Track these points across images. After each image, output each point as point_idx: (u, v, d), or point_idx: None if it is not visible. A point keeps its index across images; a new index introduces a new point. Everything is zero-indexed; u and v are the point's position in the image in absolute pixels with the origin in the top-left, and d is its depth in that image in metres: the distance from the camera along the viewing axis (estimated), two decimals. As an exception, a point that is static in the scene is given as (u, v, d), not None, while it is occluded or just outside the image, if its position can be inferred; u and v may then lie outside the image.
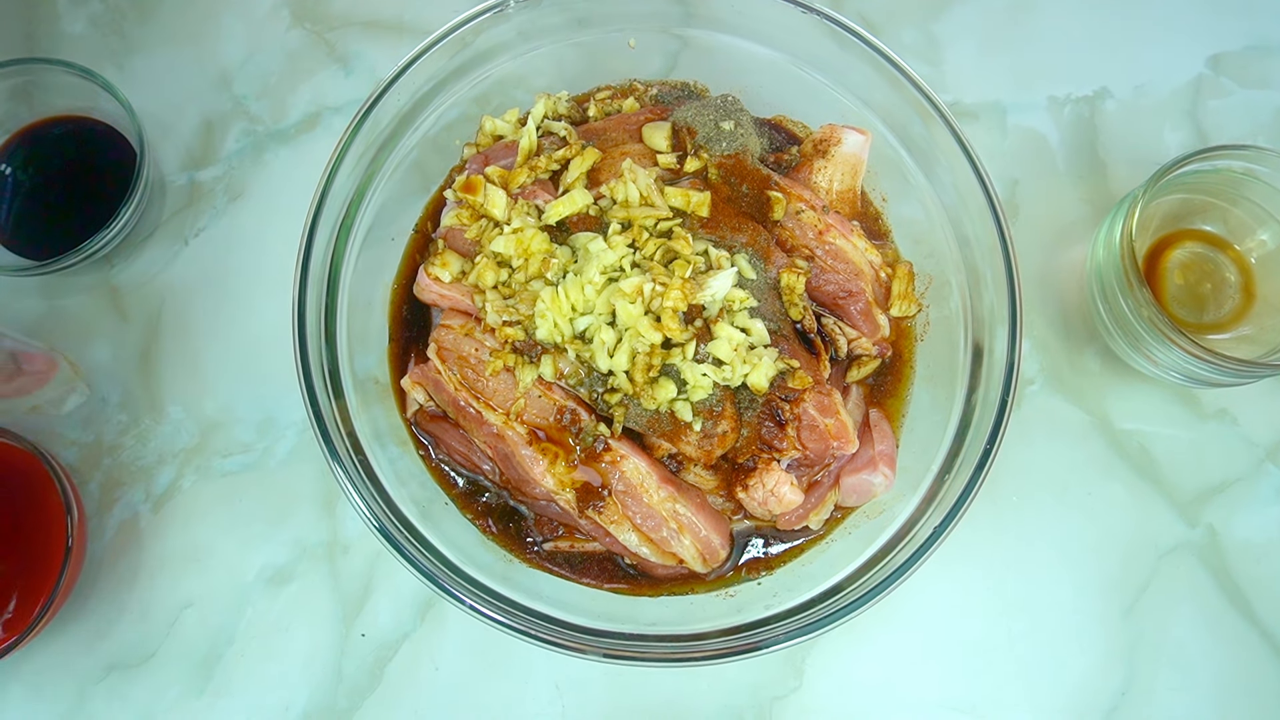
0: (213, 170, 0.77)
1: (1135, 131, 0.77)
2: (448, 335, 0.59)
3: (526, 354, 0.58)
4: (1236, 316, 0.68)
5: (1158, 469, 0.70)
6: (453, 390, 0.59)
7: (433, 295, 0.61)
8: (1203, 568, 0.68)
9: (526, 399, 0.58)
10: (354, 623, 0.68)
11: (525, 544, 0.63)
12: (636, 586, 0.62)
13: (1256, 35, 0.79)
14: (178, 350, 0.73)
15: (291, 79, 0.79)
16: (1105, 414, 0.71)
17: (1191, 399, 0.72)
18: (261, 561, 0.69)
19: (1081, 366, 0.72)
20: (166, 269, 0.75)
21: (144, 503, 0.70)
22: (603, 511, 0.57)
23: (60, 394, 0.69)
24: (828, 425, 0.56)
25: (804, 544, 0.63)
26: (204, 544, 0.69)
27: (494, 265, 0.58)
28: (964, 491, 0.55)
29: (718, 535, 0.59)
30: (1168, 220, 0.70)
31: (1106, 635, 0.67)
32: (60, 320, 0.74)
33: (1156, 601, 0.68)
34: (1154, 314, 0.61)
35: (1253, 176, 0.66)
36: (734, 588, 0.61)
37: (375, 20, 0.81)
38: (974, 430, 0.58)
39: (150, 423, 0.72)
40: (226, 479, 0.71)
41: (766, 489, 0.57)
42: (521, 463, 0.58)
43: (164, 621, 0.68)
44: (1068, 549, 0.69)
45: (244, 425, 0.72)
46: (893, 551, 0.56)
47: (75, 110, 0.73)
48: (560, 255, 0.57)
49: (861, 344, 0.62)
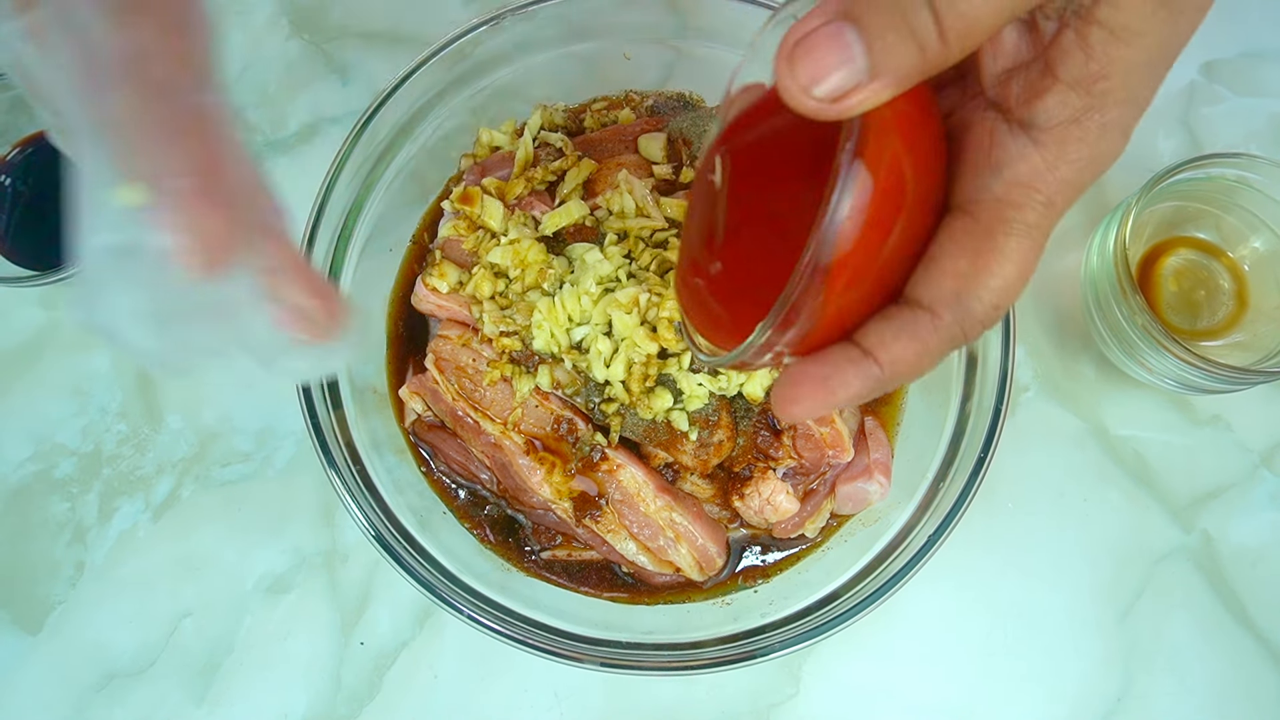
0: (211, 180, 0.77)
1: (1130, 139, 0.78)
2: (445, 346, 0.60)
3: (524, 364, 0.58)
4: (1230, 323, 0.69)
5: (1152, 475, 0.71)
6: (450, 400, 0.59)
7: (430, 306, 0.61)
8: (1198, 573, 0.69)
9: (524, 409, 0.58)
10: (353, 631, 0.68)
11: (523, 553, 0.63)
12: (634, 595, 0.62)
13: (1250, 43, 0.80)
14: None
15: (290, 89, 0.80)
16: (1100, 420, 0.72)
17: (1186, 405, 0.72)
18: (260, 570, 0.69)
19: (1076, 373, 0.73)
20: (165, 279, 0.75)
21: (143, 512, 0.71)
22: (600, 520, 0.58)
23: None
24: (823, 434, 0.57)
25: (800, 552, 0.63)
26: (203, 553, 0.70)
27: (491, 276, 0.58)
28: (959, 498, 0.56)
29: (714, 544, 0.59)
30: (1161, 227, 0.70)
31: (1102, 640, 0.67)
32: (59, 331, 0.74)
33: (1152, 607, 0.68)
34: (1148, 321, 0.61)
35: (1245, 184, 0.67)
36: (730, 596, 0.62)
37: (373, 31, 0.81)
38: (969, 437, 0.58)
39: (149, 432, 0.72)
40: (225, 488, 0.71)
41: (763, 498, 0.57)
42: (519, 472, 0.58)
43: (163, 630, 0.68)
44: (1063, 555, 0.69)
45: (242, 435, 0.72)
46: (889, 559, 0.57)
47: (74, 121, 0.73)
48: (557, 266, 0.58)
49: (857, 352, 0.62)
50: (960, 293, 0.31)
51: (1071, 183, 0.32)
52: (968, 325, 0.31)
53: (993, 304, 0.31)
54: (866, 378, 0.32)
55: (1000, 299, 0.31)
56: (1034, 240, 0.31)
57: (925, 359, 0.32)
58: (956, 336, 0.32)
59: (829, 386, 0.32)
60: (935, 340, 0.32)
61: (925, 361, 0.32)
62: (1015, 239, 0.31)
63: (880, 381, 0.32)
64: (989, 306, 0.31)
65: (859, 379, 0.32)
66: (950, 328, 0.31)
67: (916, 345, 0.32)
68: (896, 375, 0.32)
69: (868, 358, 0.32)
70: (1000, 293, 0.31)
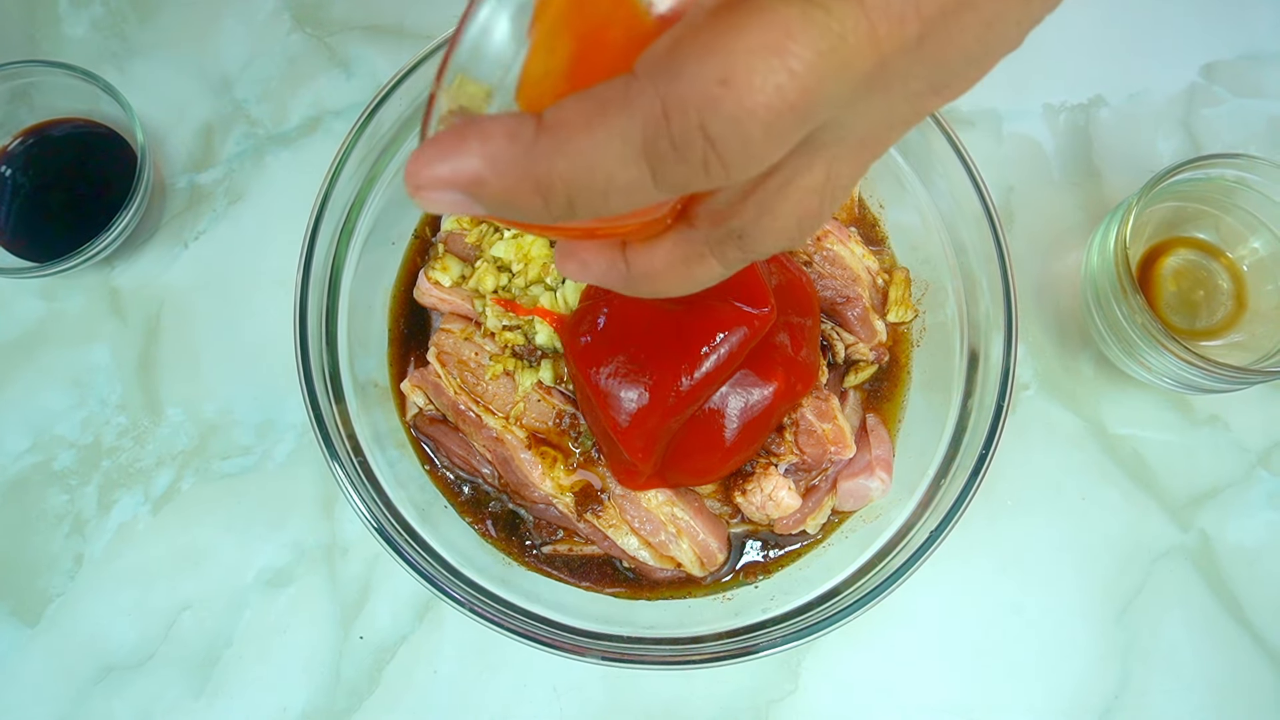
0: (213, 173, 0.77)
1: (1129, 139, 0.78)
2: (448, 339, 0.60)
3: (526, 358, 0.58)
4: (1229, 323, 0.69)
5: (1151, 474, 0.71)
6: (452, 394, 0.59)
7: (433, 299, 0.61)
8: (1195, 572, 0.69)
9: (526, 403, 0.58)
10: (352, 625, 0.68)
11: (524, 547, 0.63)
12: (635, 590, 0.62)
13: (1249, 44, 0.80)
14: (177, 353, 0.73)
15: (292, 82, 0.79)
16: (1099, 419, 0.72)
17: (1184, 404, 0.72)
18: (260, 564, 0.69)
19: (1076, 371, 0.73)
20: (166, 271, 0.75)
21: (143, 504, 0.70)
22: (601, 515, 0.58)
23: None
24: (825, 430, 0.57)
25: (801, 548, 0.63)
26: (202, 546, 0.70)
27: (494, 270, 0.58)
28: (959, 496, 0.56)
29: (715, 539, 0.59)
30: (1161, 228, 0.71)
31: (1101, 638, 0.67)
32: (60, 322, 0.74)
33: (1150, 605, 0.68)
34: (1147, 320, 0.62)
35: (1245, 185, 0.67)
36: (731, 591, 0.62)
37: (376, 24, 0.81)
38: (970, 435, 0.58)
39: (149, 425, 0.72)
40: (225, 481, 0.71)
41: (764, 494, 0.57)
42: (520, 466, 0.58)
43: (162, 623, 0.68)
44: (1062, 553, 0.69)
45: (243, 428, 0.72)
46: (889, 556, 0.57)
47: (76, 113, 0.73)
48: (560, 260, 0.58)
49: (859, 349, 0.62)
50: (673, 45, 0.21)
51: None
52: (672, 93, 0.20)
53: (717, 76, 0.20)
54: (513, 136, 0.22)
55: (731, 70, 0.20)
56: (811, 18, 0.20)
57: (599, 132, 0.21)
58: (650, 110, 0.20)
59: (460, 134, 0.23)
60: (615, 103, 0.21)
61: (598, 137, 0.21)
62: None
63: (532, 153, 0.22)
64: (709, 76, 0.20)
65: (505, 137, 0.22)
66: (642, 91, 0.21)
67: (588, 104, 0.21)
68: (558, 142, 0.21)
69: (525, 114, 0.22)
70: (732, 60, 0.20)
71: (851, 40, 0.21)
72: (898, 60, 0.22)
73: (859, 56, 0.21)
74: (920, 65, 0.23)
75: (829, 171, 0.25)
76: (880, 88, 0.23)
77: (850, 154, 0.25)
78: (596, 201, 0.22)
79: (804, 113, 0.21)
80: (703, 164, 0.21)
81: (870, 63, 0.21)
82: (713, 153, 0.21)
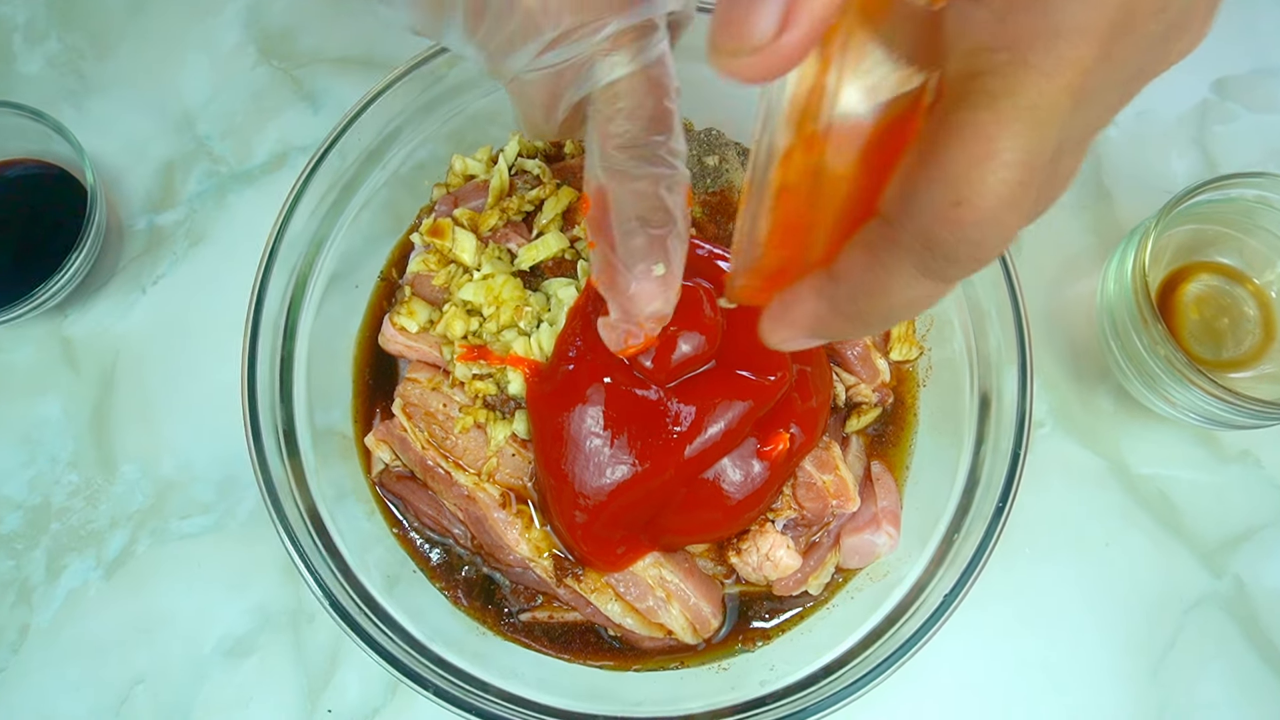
0: (173, 214, 0.73)
1: (1140, 159, 0.74)
2: (414, 389, 0.55)
3: (499, 409, 0.53)
4: (1257, 353, 0.64)
5: (1179, 516, 0.66)
6: (419, 449, 0.55)
7: (398, 346, 0.57)
8: (1231, 621, 0.64)
9: (499, 458, 0.53)
10: (319, 698, 0.63)
11: (500, 614, 0.58)
12: (621, 660, 0.57)
13: (1262, 58, 0.77)
14: (133, 405, 0.69)
15: (257, 118, 0.76)
16: (1121, 458, 0.67)
17: (1212, 440, 0.68)
18: (220, 632, 0.64)
19: (1094, 407, 0.68)
20: (123, 318, 0.71)
21: (94, 569, 0.66)
22: (583, 579, 0.53)
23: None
24: (826, 482, 0.52)
25: (803, 611, 0.58)
26: (158, 613, 0.65)
27: (463, 314, 0.54)
28: (976, 552, 0.51)
29: (708, 603, 0.54)
30: (1180, 252, 0.66)
31: (1135, 697, 0.62)
32: (8, 375, 0.70)
33: (1184, 658, 0.63)
34: (1170, 352, 0.57)
35: (1267, 204, 0.63)
36: (728, 660, 0.56)
37: (345, 56, 0.77)
38: (984, 484, 0.54)
39: (102, 483, 0.67)
40: (184, 542, 0.66)
41: (761, 553, 0.52)
42: (494, 527, 0.53)
43: (114, 698, 0.63)
44: (1087, 604, 0.64)
45: (203, 484, 0.67)
46: (902, 618, 0.52)
47: (28, 154, 0.70)
48: (534, 303, 0.53)
49: (860, 391, 0.58)
50: (905, 188, 0.26)
51: (1040, 30, 0.24)
52: (922, 227, 0.25)
53: (950, 200, 0.24)
54: (820, 292, 0.29)
55: (959, 192, 0.24)
56: (1002, 113, 0.24)
57: (882, 272, 0.27)
58: (913, 246, 0.26)
59: (784, 303, 0.31)
60: (886, 248, 0.27)
61: (883, 276, 0.27)
62: (970, 112, 0.24)
63: (835, 300, 0.29)
64: (944, 203, 0.25)
65: (813, 294, 0.30)
66: (901, 232, 0.26)
67: (865, 254, 0.28)
68: (854, 289, 0.28)
69: (822, 271, 0.29)
70: (956, 183, 0.24)
71: (1043, 102, 0.24)
72: (1090, 81, 0.25)
73: (1055, 109, 0.24)
74: (1112, 71, 0.25)
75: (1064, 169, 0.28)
76: (1084, 105, 0.25)
77: (1074, 150, 0.28)
78: (900, 313, 0.29)
79: (1030, 177, 0.24)
80: (973, 260, 0.26)
81: (1067, 105, 0.24)
82: (976, 250, 0.25)
